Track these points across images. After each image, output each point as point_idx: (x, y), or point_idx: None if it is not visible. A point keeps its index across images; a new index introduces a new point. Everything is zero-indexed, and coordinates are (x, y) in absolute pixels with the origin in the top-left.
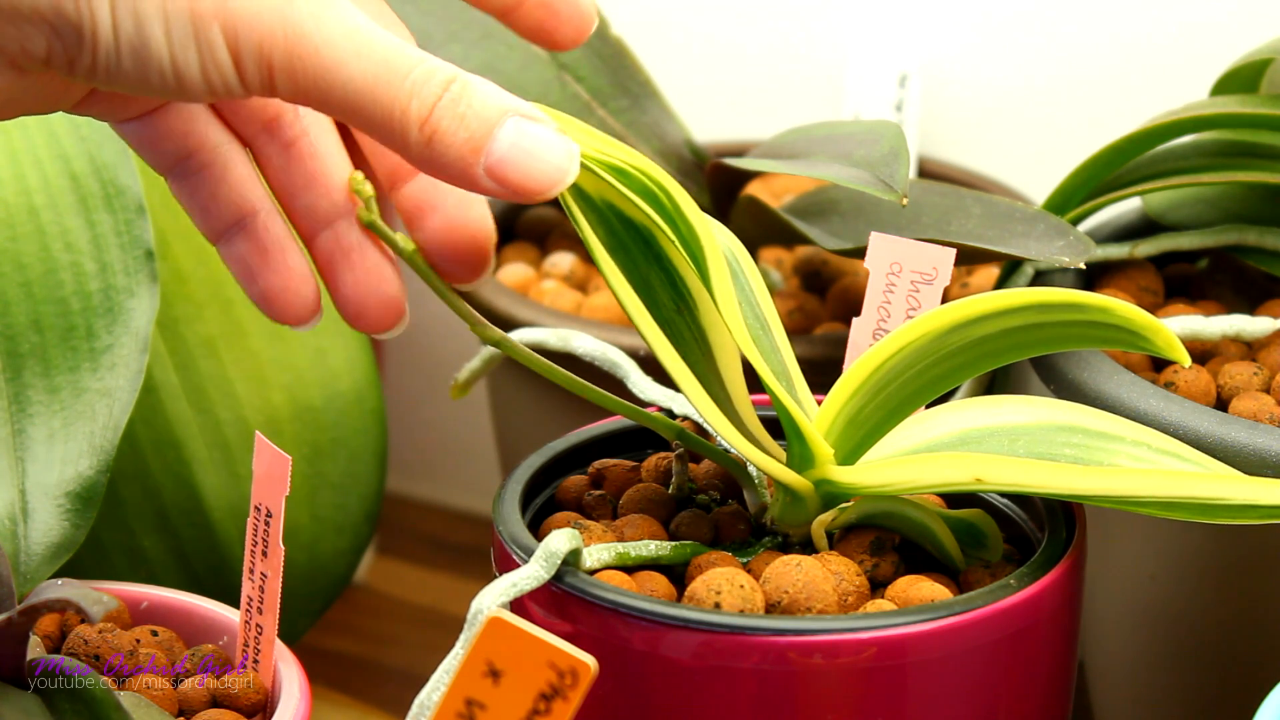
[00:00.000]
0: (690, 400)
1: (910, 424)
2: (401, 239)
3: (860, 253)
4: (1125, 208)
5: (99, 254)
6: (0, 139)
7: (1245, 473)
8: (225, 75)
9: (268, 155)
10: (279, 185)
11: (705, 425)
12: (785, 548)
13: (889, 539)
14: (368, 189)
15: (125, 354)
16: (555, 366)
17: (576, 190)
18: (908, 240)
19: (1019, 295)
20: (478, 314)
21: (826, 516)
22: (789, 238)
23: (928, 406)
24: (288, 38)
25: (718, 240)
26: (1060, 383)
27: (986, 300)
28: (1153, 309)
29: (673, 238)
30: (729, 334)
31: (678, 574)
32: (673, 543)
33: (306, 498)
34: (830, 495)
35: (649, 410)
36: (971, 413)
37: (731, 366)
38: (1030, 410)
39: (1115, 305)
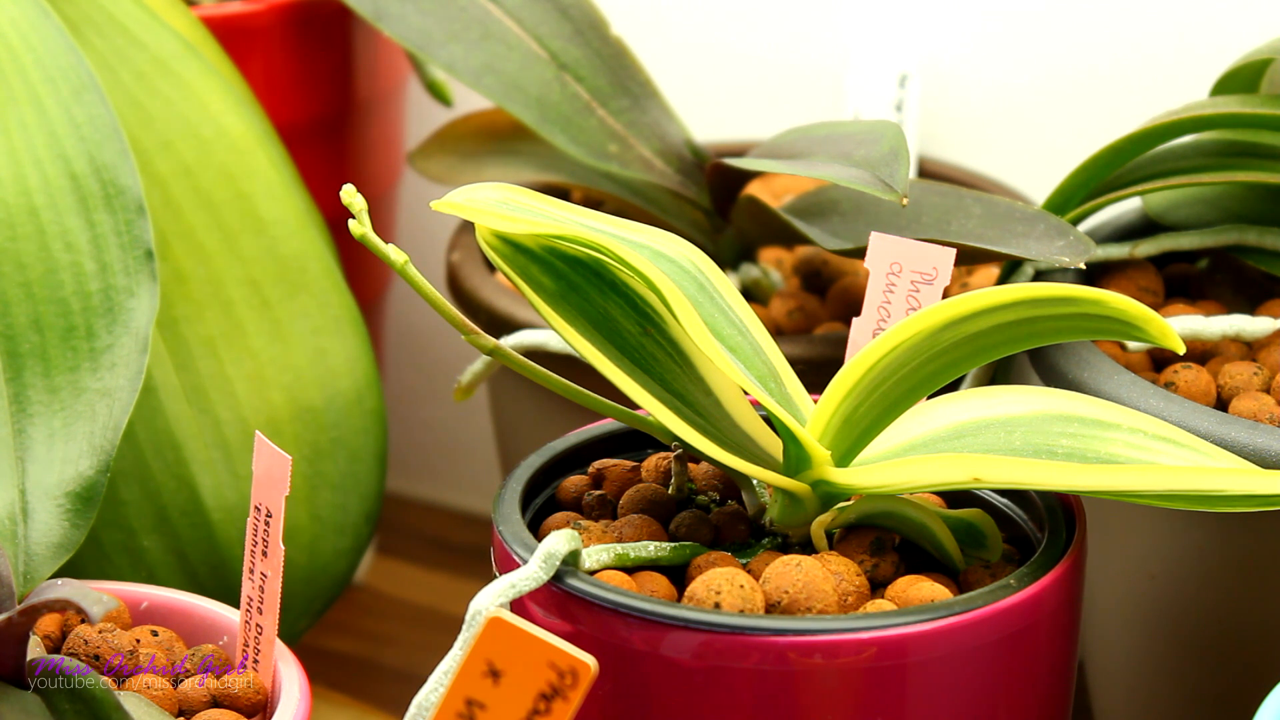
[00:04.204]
0: (665, 426)
1: (907, 417)
2: (394, 251)
3: (860, 253)
4: (1125, 208)
5: (99, 254)
6: (0, 139)
7: None
8: None
9: None
10: None
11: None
12: (785, 548)
13: (889, 539)
14: (359, 201)
15: (125, 354)
16: (549, 373)
17: (513, 246)
18: (908, 240)
19: (1012, 291)
20: (471, 323)
21: (826, 517)
22: (789, 238)
23: (928, 398)
24: None
25: (663, 271)
26: (1060, 383)
27: (980, 297)
28: (1153, 309)
29: (623, 266)
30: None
31: (678, 575)
32: (672, 543)
33: (306, 498)
34: (828, 495)
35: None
36: (968, 404)
37: (716, 370)
38: (1026, 400)
39: (1108, 297)
